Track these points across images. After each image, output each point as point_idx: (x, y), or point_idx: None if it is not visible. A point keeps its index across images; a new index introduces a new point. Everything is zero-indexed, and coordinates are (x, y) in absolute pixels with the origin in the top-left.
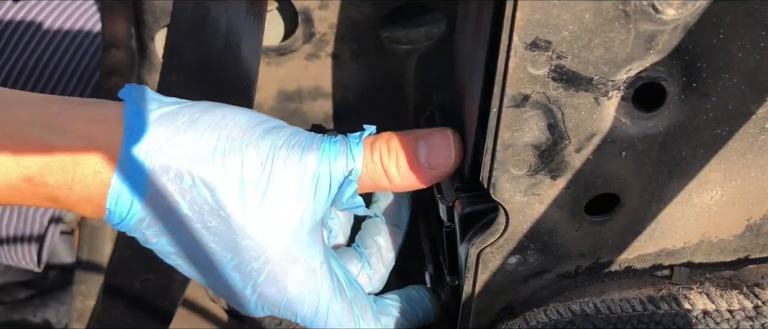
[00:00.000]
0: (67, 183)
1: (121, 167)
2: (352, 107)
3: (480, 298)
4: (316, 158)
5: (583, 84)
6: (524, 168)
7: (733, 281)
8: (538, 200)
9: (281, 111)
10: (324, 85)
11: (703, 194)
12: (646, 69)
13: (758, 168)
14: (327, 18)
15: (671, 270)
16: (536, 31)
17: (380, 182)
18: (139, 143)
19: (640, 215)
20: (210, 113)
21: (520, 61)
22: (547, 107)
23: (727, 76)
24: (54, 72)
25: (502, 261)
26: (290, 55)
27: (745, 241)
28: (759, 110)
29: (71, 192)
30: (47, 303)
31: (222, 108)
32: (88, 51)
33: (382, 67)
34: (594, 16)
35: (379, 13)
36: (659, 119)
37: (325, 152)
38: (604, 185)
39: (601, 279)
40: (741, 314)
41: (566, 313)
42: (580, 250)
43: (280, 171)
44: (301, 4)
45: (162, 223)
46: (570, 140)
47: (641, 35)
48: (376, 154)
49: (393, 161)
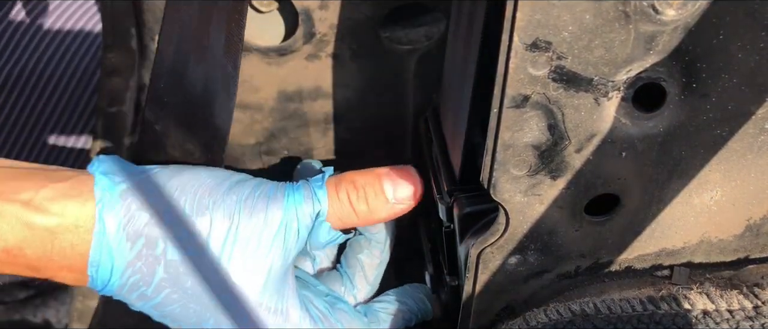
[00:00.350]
0: (46, 255)
1: (98, 239)
2: (352, 107)
3: (480, 298)
4: (281, 208)
5: (583, 85)
6: (524, 168)
7: (733, 281)
8: (538, 200)
9: (281, 111)
10: (324, 85)
11: (703, 195)
12: (646, 70)
13: (758, 168)
14: (327, 18)
15: (671, 270)
16: (537, 32)
17: (348, 219)
18: (112, 215)
19: (640, 216)
20: (177, 177)
21: (520, 62)
22: (547, 108)
23: (727, 76)
24: (54, 72)
25: (502, 261)
26: (290, 55)
27: (745, 241)
28: (759, 111)
29: (51, 262)
30: (47, 303)
31: (188, 171)
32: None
33: (382, 67)
34: (594, 16)
35: (379, 13)
36: (659, 120)
37: (290, 199)
38: (604, 186)
39: (601, 279)
40: (741, 314)
41: (566, 313)
42: (580, 250)
43: (247, 226)
44: (302, 4)
45: (142, 288)
46: (570, 141)
47: (641, 36)
48: (343, 194)
49: (362, 199)
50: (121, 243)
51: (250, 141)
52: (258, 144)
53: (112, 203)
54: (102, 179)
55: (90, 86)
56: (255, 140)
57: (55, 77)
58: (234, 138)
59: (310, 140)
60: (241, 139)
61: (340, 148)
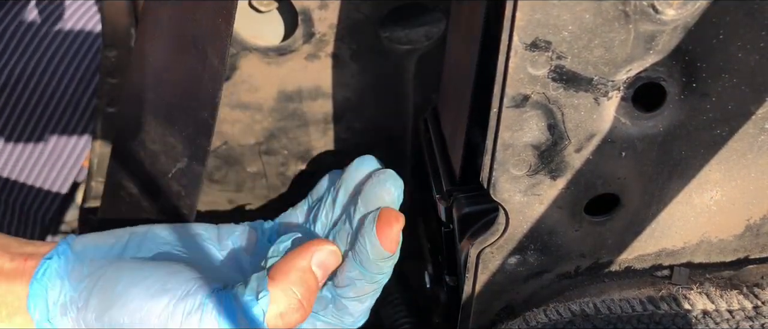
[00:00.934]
0: None
1: None
2: (352, 107)
3: (480, 298)
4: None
5: (583, 84)
6: (524, 168)
7: (733, 281)
8: (538, 200)
9: (281, 111)
10: (324, 85)
11: (702, 195)
12: (645, 69)
13: (758, 168)
14: (327, 18)
15: (671, 270)
16: (536, 32)
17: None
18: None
19: (640, 216)
20: (109, 297)
21: (520, 61)
22: (547, 107)
23: (727, 76)
24: (55, 73)
25: (502, 261)
26: (290, 55)
27: (745, 241)
28: (759, 110)
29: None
30: None
31: (123, 281)
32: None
33: (382, 67)
34: (594, 16)
35: (379, 13)
36: (659, 120)
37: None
38: (604, 186)
39: (601, 279)
40: (741, 314)
41: (566, 313)
42: (580, 250)
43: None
44: (301, 4)
45: None
46: (570, 141)
47: (641, 35)
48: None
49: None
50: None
51: (250, 141)
52: (258, 144)
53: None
54: (36, 289)
55: (90, 86)
56: (255, 139)
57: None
58: (233, 138)
59: (309, 139)
60: (241, 139)
61: (340, 148)
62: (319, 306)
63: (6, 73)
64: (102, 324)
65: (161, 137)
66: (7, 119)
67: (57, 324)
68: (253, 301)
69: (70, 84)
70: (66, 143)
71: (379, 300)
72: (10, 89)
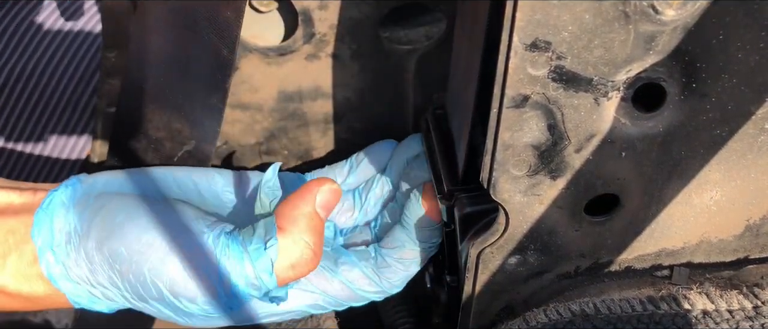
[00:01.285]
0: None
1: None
2: (353, 107)
3: (480, 298)
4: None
5: (583, 85)
6: (524, 169)
7: (733, 281)
8: (538, 200)
9: (281, 111)
10: (324, 85)
11: (702, 195)
12: (645, 70)
13: (758, 168)
14: (327, 18)
15: (671, 270)
16: (536, 32)
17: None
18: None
19: (639, 216)
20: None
21: (519, 61)
22: (546, 108)
23: (727, 76)
24: (55, 73)
25: (502, 261)
26: (290, 55)
27: (745, 241)
28: (758, 111)
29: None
30: None
31: (124, 212)
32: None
33: (382, 67)
34: (594, 16)
35: (379, 13)
36: (659, 120)
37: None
38: (603, 186)
39: (601, 279)
40: (740, 314)
41: (566, 313)
42: (580, 250)
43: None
44: (301, 4)
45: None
46: (570, 141)
47: (641, 36)
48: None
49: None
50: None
51: (250, 141)
52: (258, 144)
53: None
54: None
55: (90, 85)
56: (255, 139)
57: (55, 77)
58: (234, 138)
59: (309, 140)
60: (241, 139)
61: (340, 148)
62: (361, 257)
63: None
64: (101, 253)
65: (166, 124)
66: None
67: (60, 252)
68: (261, 249)
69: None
70: (66, 142)
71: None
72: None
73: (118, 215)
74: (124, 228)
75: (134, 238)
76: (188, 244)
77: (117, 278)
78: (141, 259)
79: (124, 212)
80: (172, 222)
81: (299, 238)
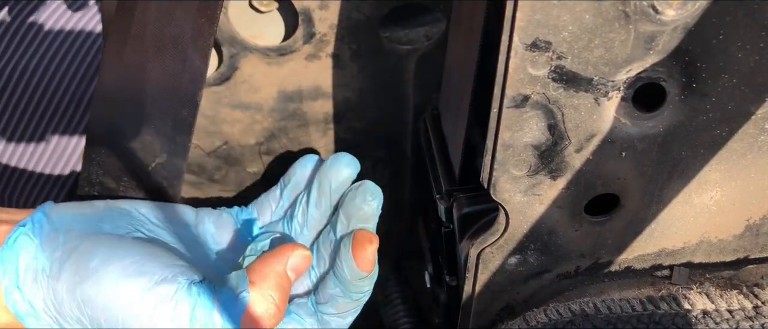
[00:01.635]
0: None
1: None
2: (352, 107)
3: (480, 298)
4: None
5: (583, 84)
6: (524, 168)
7: (733, 281)
8: (538, 200)
9: (281, 111)
10: (324, 85)
11: (702, 195)
12: (646, 69)
13: (758, 168)
14: (327, 18)
15: (671, 270)
16: (536, 32)
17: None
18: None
19: (640, 216)
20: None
21: (520, 61)
22: (547, 108)
23: (727, 76)
24: (55, 72)
25: (502, 261)
26: (290, 55)
27: (745, 241)
28: (758, 111)
29: None
30: None
31: (99, 257)
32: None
33: (382, 67)
34: (594, 16)
35: (380, 13)
36: (659, 120)
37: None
38: (604, 186)
39: (601, 279)
40: (741, 314)
41: (566, 313)
42: (580, 250)
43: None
44: (302, 4)
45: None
46: (570, 141)
47: (641, 36)
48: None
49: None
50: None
51: (250, 141)
52: (258, 144)
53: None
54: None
55: (90, 85)
56: (255, 140)
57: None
58: (234, 138)
59: (310, 140)
60: (241, 139)
61: (340, 148)
62: (304, 313)
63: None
64: (73, 297)
65: (136, 135)
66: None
67: (27, 291)
68: (232, 300)
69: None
70: (67, 142)
71: (379, 300)
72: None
73: (91, 259)
74: (99, 274)
75: (110, 286)
76: (162, 293)
77: (87, 321)
78: (115, 306)
79: (98, 258)
80: (146, 270)
81: (267, 293)
